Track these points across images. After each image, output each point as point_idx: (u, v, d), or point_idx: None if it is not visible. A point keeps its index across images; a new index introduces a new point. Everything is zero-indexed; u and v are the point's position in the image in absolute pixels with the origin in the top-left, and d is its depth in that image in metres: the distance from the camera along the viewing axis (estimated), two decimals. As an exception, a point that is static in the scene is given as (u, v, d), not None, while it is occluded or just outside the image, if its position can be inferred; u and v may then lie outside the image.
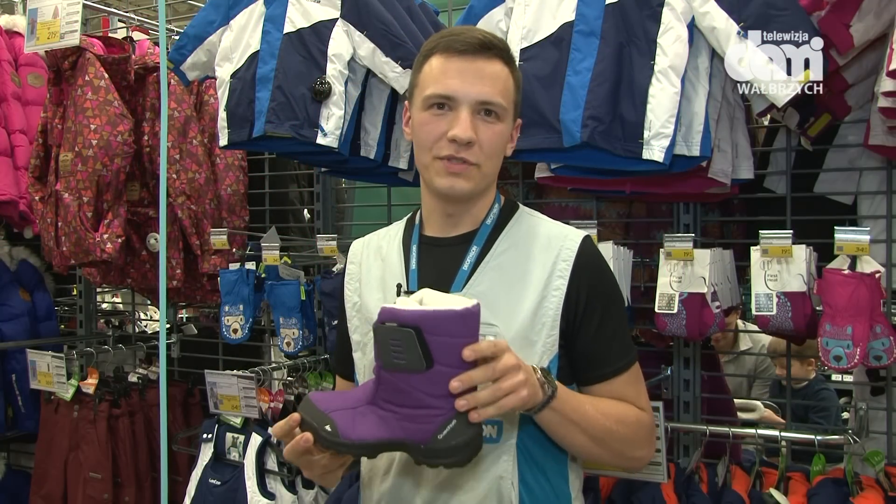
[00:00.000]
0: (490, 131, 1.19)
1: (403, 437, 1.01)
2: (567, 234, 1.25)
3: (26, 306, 2.91)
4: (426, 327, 0.95)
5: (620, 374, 1.22)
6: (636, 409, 1.23)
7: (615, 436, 1.18)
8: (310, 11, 1.93)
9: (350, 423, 1.02)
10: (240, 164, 2.66)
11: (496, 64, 1.19)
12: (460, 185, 1.19)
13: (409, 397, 1.00)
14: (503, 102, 1.19)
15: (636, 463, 1.28)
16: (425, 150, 1.21)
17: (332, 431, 1.01)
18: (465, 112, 1.17)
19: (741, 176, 1.82)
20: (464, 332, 0.97)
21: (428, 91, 1.19)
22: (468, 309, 0.96)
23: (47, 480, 2.67)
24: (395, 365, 0.98)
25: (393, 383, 1.00)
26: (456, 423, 0.99)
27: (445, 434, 0.99)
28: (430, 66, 1.21)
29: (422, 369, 0.97)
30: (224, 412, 2.22)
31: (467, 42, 1.18)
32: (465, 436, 1.00)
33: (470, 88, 1.17)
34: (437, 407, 0.99)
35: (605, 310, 1.22)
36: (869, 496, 1.61)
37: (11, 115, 2.76)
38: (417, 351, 0.96)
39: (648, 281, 2.03)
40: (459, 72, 1.18)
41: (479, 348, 0.98)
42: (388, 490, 1.24)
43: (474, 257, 1.24)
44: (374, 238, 1.39)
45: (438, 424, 0.99)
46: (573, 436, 1.15)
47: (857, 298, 1.53)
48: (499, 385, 0.99)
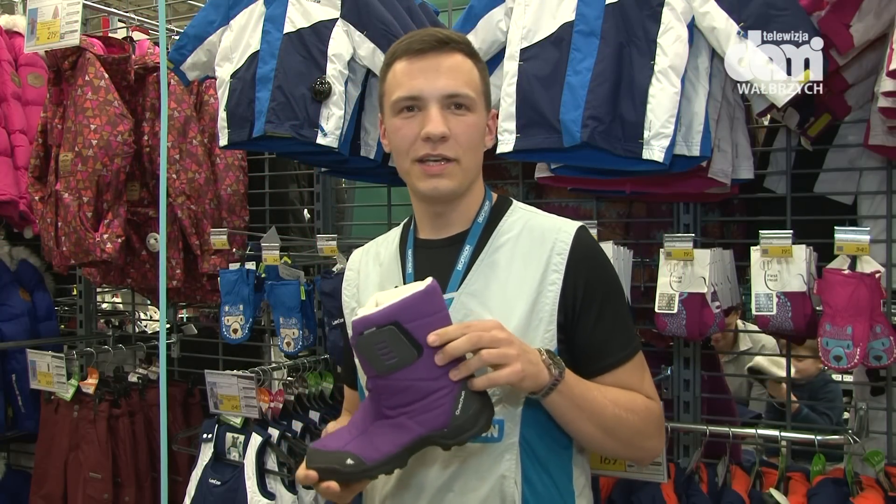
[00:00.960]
0: (463, 124, 1.19)
1: (424, 432, 1.02)
2: (561, 227, 1.24)
3: (26, 306, 2.91)
4: (402, 318, 0.98)
5: (623, 364, 1.21)
6: (644, 398, 1.22)
7: (625, 424, 1.17)
8: (310, 11, 1.93)
9: (368, 446, 1.03)
10: (240, 164, 2.66)
11: (456, 57, 1.20)
12: (443, 184, 1.20)
13: (414, 391, 1.01)
14: (470, 93, 1.20)
15: (647, 454, 1.26)
16: (403, 156, 1.22)
17: (356, 462, 1.03)
18: (434, 108, 1.17)
19: (741, 176, 1.82)
20: (434, 308, 1.01)
21: (395, 96, 1.20)
22: (429, 286, 1.01)
23: (47, 480, 2.67)
24: (389, 367, 1.00)
25: (392, 386, 1.02)
26: (466, 393, 1.02)
27: (461, 407, 1.02)
28: (393, 72, 1.22)
29: (414, 358, 0.99)
30: (224, 412, 2.22)
31: (424, 41, 1.19)
32: (478, 401, 1.03)
33: (434, 84, 1.18)
34: (442, 387, 1.01)
35: (604, 300, 1.21)
36: (869, 496, 1.61)
37: (11, 115, 2.76)
38: (404, 342, 0.99)
39: (648, 281, 2.03)
40: (422, 70, 1.19)
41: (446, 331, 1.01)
42: (391, 492, 1.24)
43: (468, 256, 1.24)
44: (373, 245, 1.40)
45: (451, 403, 1.02)
46: (582, 423, 1.14)
47: (857, 298, 1.53)
48: (486, 351, 1.01)
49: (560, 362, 1.11)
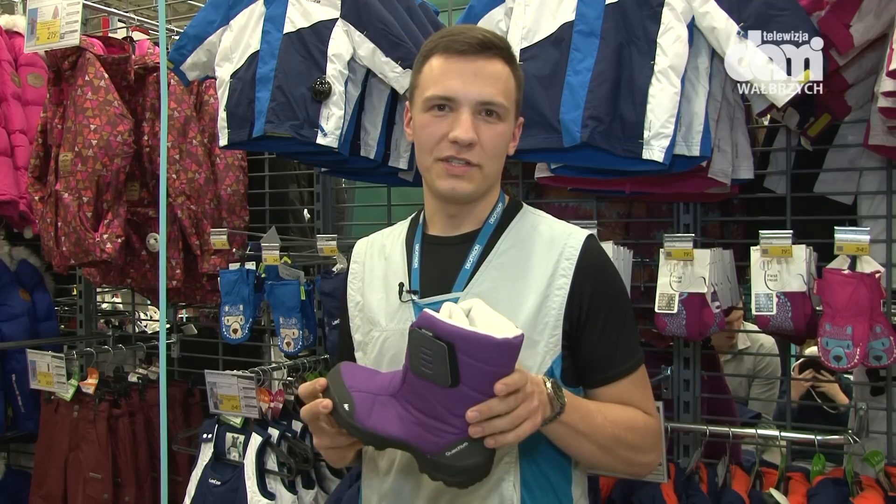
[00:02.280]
0: (492, 132, 1.19)
1: (413, 441, 1.00)
2: (571, 233, 1.24)
3: (26, 306, 2.91)
4: (460, 346, 0.92)
5: (625, 377, 1.21)
6: (643, 415, 1.22)
7: (623, 443, 1.17)
8: (310, 11, 1.93)
9: (368, 408, 1.01)
10: (240, 164, 2.66)
11: (497, 63, 1.19)
12: (462, 186, 1.19)
13: (428, 406, 0.98)
14: (504, 102, 1.19)
15: (642, 469, 1.26)
16: (426, 152, 1.21)
17: (349, 412, 1.01)
18: (465, 113, 1.16)
19: (741, 176, 1.82)
20: (498, 361, 0.94)
21: (428, 92, 1.19)
22: (507, 340, 0.92)
23: (47, 480, 2.67)
24: (422, 373, 0.96)
25: (416, 387, 0.99)
26: (467, 446, 0.98)
27: (454, 453, 0.98)
28: (430, 66, 1.20)
29: (446, 385, 0.95)
30: (224, 412, 2.22)
31: (467, 42, 1.17)
32: (472, 459, 0.98)
33: (470, 89, 1.16)
34: (453, 425, 0.97)
35: (610, 310, 1.20)
36: (869, 496, 1.61)
37: (11, 115, 2.76)
38: (446, 367, 0.93)
39: (648, 281, 2.03)
40: (459, 72, 1.17)
41: (512, 382, 0.95)
42: (389, 490, 1.24)
43: (476, 256, 1.23)
44: (378, 237, 1.39)
45: (450, 442, 0.98)
46: (581, 445, 1.14)
47: (857, 298, 1.53)
48: (517, 413, 0.97)
49: (562, 394, 1.08)
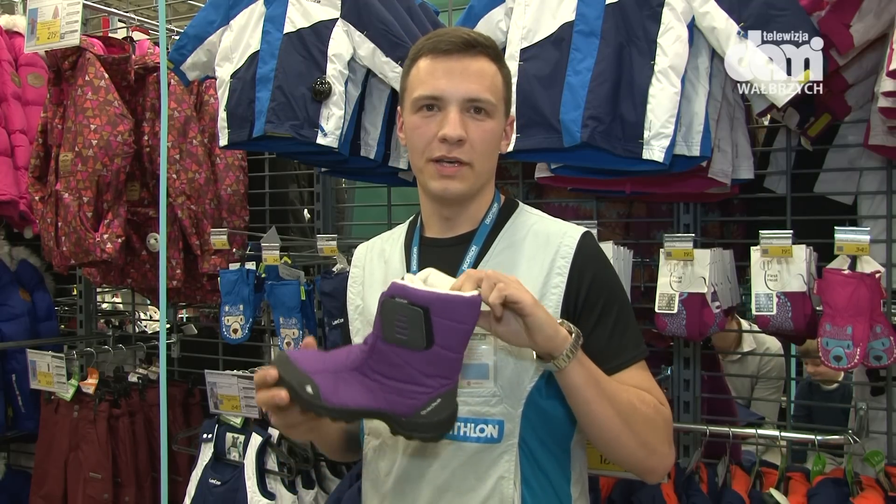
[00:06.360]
0: (480, 129, 1.19)
1: (386, 408, 1.04)
2: (566, 231, 1.24)
3: (26, 306, 2.91)
4: (435, 309, 0.98)
5: (626, 368, 1.19)
6: (652, 397, 1.18)
7: (639, 414, 1.13)
8: (310, 11, 1.93)
9: (332, 387, 1.03)
10: (240, 164, 2.66)
11: (482, 61, 1.20)
12: (454, 186, 1.20)
13: (401, 371, 1.02)
14: (492, 99, 1.20)
15: (658, 461, 1.18)
16: (418, 154, 1.22)
17: (314, 394, 1.02)
18: (453, 111, 1.18)
19: (741, 176, 1.82)
20: (468, 318, 1.00)
21: (416, 94, 1.21)
22: (475, 297, 0.99)
23: (47, 480, 2.67)
24: (396, 339, 1.00)
25: (387, 356, 1.03)
26: (440, 402, 1.03)
27: (429, 411, 1.03)
28: (417, 68, 1.22)
29: (421, 348, 1.00)
30: (224, 412, 2.23)
31: (451, 41, 1.19)
32: (446, 412, 1.04)
33: (457, 86, 1.18)
34: (427, 385, 1.02)
35: (606, 305, 1.20)
36: (869, 496, 1.61)
37: (11, 115, 2.76)
38: (422, 330, 0.98)
39: (648, 281, 2.03)
40: (446, 71, 1.18)
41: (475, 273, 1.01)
42: (390, 491, 1.24)
43: (473, 257, 1.24)
44: (378, 241, 1.40)
45: (424, 401, 1.03)
46: (599, 404, 1.09)
47: (857, 298, 1.53)
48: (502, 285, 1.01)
49: (577, 329, 1.08)
